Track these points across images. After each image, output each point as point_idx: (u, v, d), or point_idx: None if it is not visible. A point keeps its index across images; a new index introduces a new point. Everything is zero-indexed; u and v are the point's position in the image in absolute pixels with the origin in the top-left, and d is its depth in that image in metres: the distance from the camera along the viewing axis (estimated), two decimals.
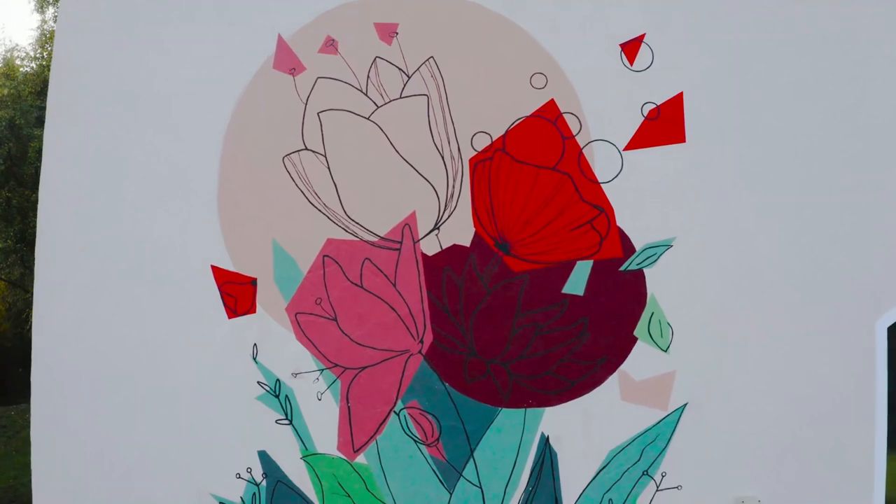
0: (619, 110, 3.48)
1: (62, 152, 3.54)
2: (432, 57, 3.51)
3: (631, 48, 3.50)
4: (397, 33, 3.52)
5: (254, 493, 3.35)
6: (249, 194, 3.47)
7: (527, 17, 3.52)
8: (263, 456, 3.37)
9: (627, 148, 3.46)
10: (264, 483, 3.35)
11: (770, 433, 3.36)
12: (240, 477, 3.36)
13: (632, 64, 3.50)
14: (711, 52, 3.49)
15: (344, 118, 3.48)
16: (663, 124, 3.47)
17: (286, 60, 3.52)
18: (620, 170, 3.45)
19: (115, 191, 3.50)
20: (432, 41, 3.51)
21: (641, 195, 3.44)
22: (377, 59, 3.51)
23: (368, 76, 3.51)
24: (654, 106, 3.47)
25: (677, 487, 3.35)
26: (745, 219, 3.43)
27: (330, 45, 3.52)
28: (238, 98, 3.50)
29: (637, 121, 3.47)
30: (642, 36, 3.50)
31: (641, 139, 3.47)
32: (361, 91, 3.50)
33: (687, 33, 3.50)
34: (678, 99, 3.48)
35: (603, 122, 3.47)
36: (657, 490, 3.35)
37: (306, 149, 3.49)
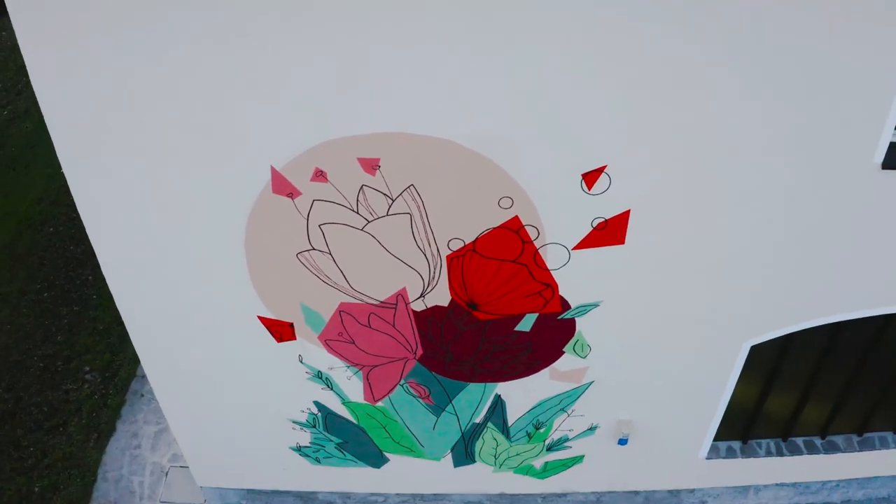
0: (573, 222, 4.12)
1: (104, 226, 4.32)
2: (412, 185, 3.96)
3: (591, 177, 3.92)
4: (380, 166, 3.88)
5: (314, 418, 5.35)
6: (276, 276, 4.42)
7: (497, 151, 3.81)
8: (317, 403, 5.24)
9: (576, 248, 4.24)
10: (320, 414, 5.32)
11: (644, 391, 5.14)
12: (303, 412, 5.30)
13: (590, 189, 3.97)
14: (667, 175, 3.91)
15: (342, 229, 4.16)
16: (608, 232, 4.16)
17: (283, 186, 3.99)
18: (567, 261, 4.31)
19: (160, 269, 4.43)
20: (412, 172, 3.90)
21: (581, 277, 4.39)
22: (363, 186, 3.97)
23: (358, 199, 4.03)
24: (602, 220, 4.10)
25: (582, 415, 5.31)
26: (652, 283, 4.46)
27: (320, 175, 3.93)
28: (247, 215, 4.10)
29: (587, 229, 4.15)
30: (603, 168, 3.87)
31: (588, 242, 4.21)
32: (353, 210, 4.08)
33: (648, 162, 3.85)
34: (625, 215, 4.08)
35: (557, 230, 4.15)
36: (568, 417, 5.32)
37: (314, 249, 4.27)
